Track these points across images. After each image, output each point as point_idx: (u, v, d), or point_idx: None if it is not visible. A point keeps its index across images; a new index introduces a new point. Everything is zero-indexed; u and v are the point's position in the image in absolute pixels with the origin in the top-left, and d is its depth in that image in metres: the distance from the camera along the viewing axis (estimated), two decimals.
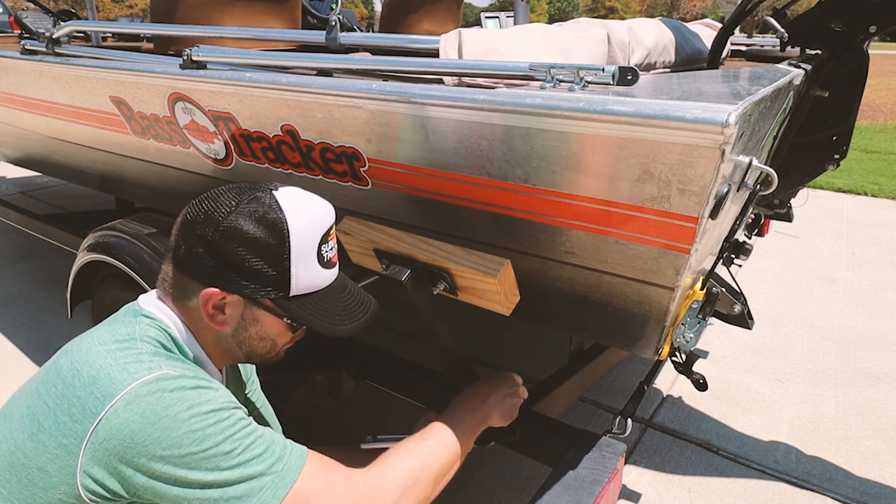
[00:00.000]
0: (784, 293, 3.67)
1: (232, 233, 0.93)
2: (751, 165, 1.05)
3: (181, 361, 0.94)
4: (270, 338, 1.03)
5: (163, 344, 0.95)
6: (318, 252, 0.98)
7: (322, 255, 0.99)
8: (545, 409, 1.69)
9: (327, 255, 1.01)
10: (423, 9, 3.14)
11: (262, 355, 1.05)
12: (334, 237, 1.04)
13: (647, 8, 53.11)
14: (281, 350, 1.06)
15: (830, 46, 1.72)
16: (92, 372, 0.87)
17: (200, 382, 0.90)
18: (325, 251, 1.00)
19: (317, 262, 0.98)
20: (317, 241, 0.98)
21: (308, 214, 0.98)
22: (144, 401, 0.84)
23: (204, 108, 1.67)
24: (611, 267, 1.21)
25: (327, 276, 1.02)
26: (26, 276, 3.78)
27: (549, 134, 1.09)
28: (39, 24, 2.68)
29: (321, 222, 1.00)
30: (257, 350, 1.04)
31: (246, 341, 1.02)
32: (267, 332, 1.02)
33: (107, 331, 0.96)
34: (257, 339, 1.02)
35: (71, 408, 0.86)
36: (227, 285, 0.95)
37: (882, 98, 12.93)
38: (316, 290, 1.00)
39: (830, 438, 2.38)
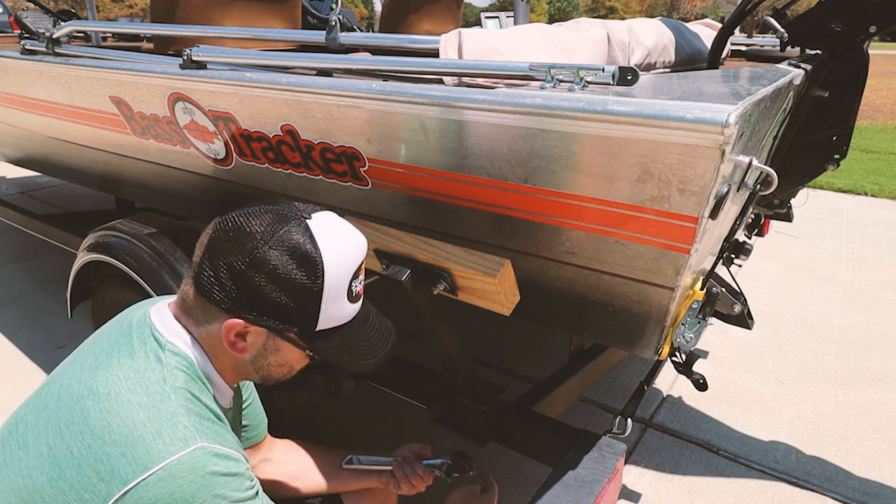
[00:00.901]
0: (784, 293, 3.67)
1: (262, 266, 0.89)
2: (751, 165, 1.05)
3: (210, 420, 0.94)
4: (289, 364, 1.02)
5: (192, 394, 0.94)
6: (349, 288, 0.96)
7: (352, 291, 0.97)
8: (545, 409, 1.69)
9: (356, 289, 0.98)
10: (423, 9, 3.14)
11: (277, 378, 1.04)
12: (363, 271, 1.01)
13: (647, 8, 53.10)
14: (296, 372, 1.06)
15: (830, 46, 1.72)
16: (125, 430, 0.86)
17: (230, 467, 0.90)
18: (354, 286, 0.98)
19: (346, 298, 0.96)
20: (349, 278, 0.95)
21: (342, 250, 0.94)
22: (177, 482, 0.84)
23: (204, 108, 1.67)
24: (611, 267, 1.21)
25: (353, 310, 1.00)
26: (26, 276, 3.78)
27: (549, 134, 1.09)
28: (39, 24, 2.68)
29: (355, 257, 0.97)
30: (274, 375, 1.03)
31: (264, 367, 1.01)
32: (286, 360, 1.01)
33: (132, 370, 0.92)
34: (276, 367, 1.01)
35: (98, 464, 0.84)
36: (252, 318, 0.93)
37: (882, 98, 12.93)
38: (341, 325, 0.98)
39: (830, 438, 2.38)
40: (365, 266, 1.29)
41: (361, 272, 0.99)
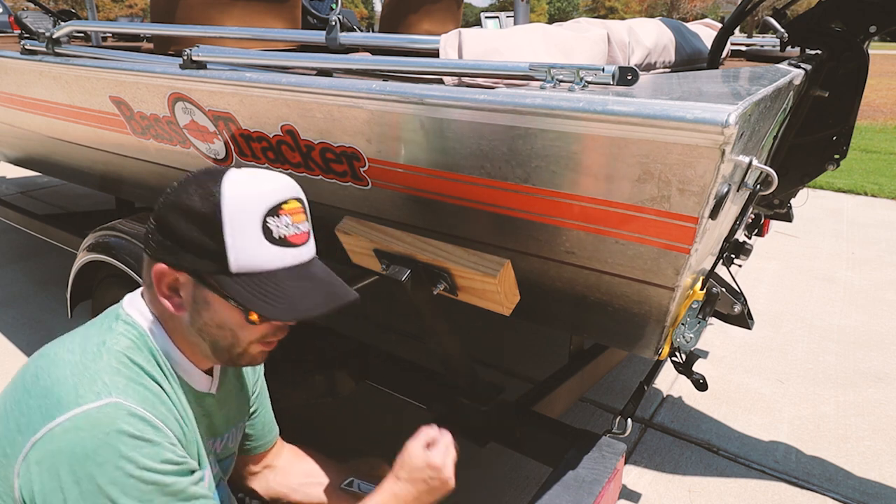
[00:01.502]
0: (784, 293, 3.67)
1: (173, 203, 0.91)
2: (751, 165, 1.05)
3: (142, 385, 0.91)
4: (228, 327, 0.95)
5: (130, 359, 0.92)
6: (262, 225, 0.90)
7: (269, 230, 0.90)
8: (545, 409, 1.69)
9: (279, 231, 0.91)
10: (423, 9, 3.14)
11: (226, 350, 0.97)
12: (298, 216, 0.95)
13: (647, 8, 53.10)
14: (248, 347, 0.98)
15: (830, 46, 1.72)
16: (47, 383, 0.86)
17: (144, 431, 0.85)
18: (274, 225, 0.91)
19: (262, 235, 0.90)
20: (260, 212, 0.90)
21: (252, 185, 0.91)
22: (79, 435, 0.81)
23: (204, 108, 1.67)
24: (611, 267, 1.21)
25: (278, 256, 0.92)
26: (26, 276, 3.78)
27: (549, 134, 1.09)
28: (39, 24, 2.68)
29: (269, 194, 0.92)
30: (219, 342, 0.97)
31: (205, 329, 0.95)
32: (222, 319, 0.94)
33: (82, 336, 0.94)
34: (215, 328, 0.95)
35: (20, 417, 0.84)
36: (171, 259, 0.91)
37: (882, 98, 12.93)
38: (264, 271, 0.91)
39: (830, 438, 2.38)
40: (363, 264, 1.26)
41: (288, 214, 0.93)
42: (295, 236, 0.94)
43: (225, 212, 0.89)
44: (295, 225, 0.94)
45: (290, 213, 0.93)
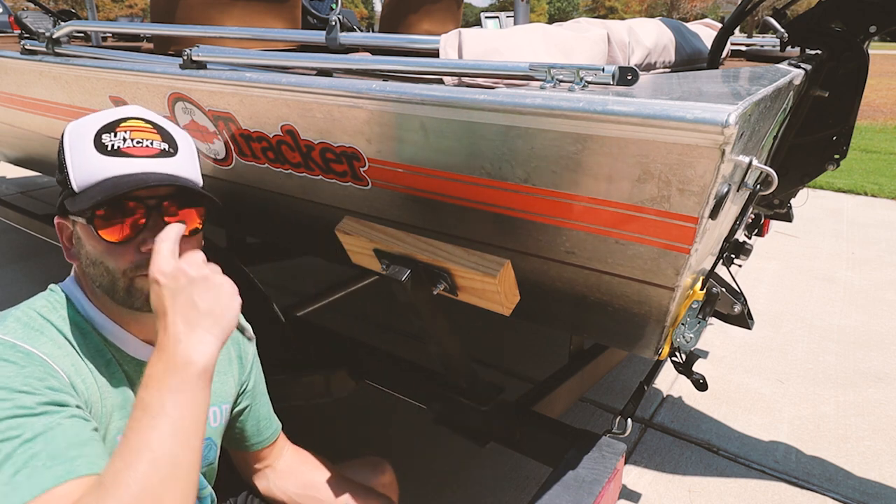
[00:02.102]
0: (784, 293, 3.67)
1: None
2: (751, 165, 1.05)
3: (39, 331, 0.88)
4: (99, 260, 0.92)
5: (40, 314, 0.91)
6: (95, 140, 0.92)
7: (104, 144, 0.91)
8: (545, 409, 1.69)
9: (113, 143, 0.92)
10: (423, 9, 3.14)
11: (112, 289, 0.93)
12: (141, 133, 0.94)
13: (647, 8, 53.10)
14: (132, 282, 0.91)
15: (830, 46, 1.71)
16: None
17: (12, 355, 0.82)
18: (108, 140, 0.92)
19: (94, 149, 0.91)
20: (94, 129, 0.92)
21: (94, 113, 0.95)
22: None
23: (204, 108, 1.67)
24: (611, 267, 1.21)
25: (110, 165, 0.91)
26: (26, 276, 3.78)
27: (549, 134, 1.09)
28: (39, 24, 2.68)
29: (106, 115, 0.94)
30: (102, 282, 0.93)
31: (89, 274, 0.94)
32: (91, 253, 0.93)
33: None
34: (91, 266, 0.93)
35: None
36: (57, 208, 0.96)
37: (882, 98, 12.93)
38: (98, 181, 0.91)
39: (830, 438, 2.38)
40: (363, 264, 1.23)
41: (124, 130, 0.93)
42: (133, 148, 0.92)
43: (65, 141, 0.93)
44: (135, 139, 0.93)
45: (129, 129, 0.94)
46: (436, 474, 2.17)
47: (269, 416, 1.32)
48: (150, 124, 0.96)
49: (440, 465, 2.21)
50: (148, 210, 0.93)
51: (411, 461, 2.14)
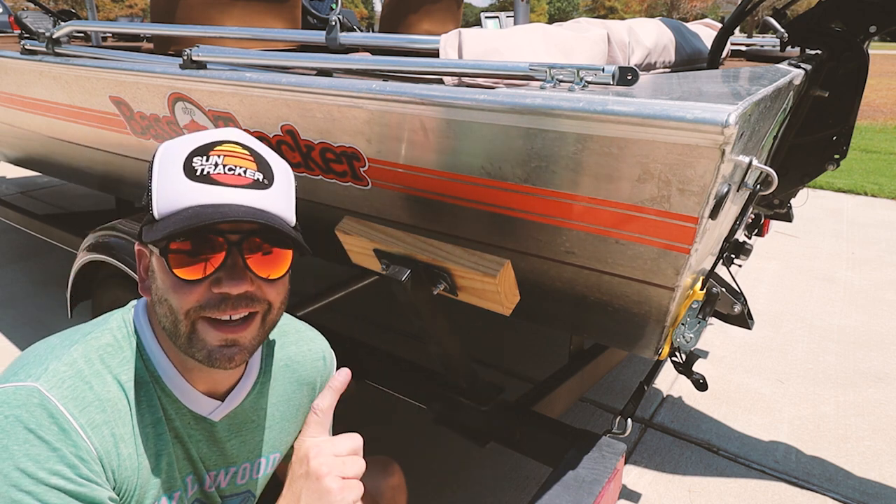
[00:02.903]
0: (784, 293, 3.67)
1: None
2: (751, 165, 1.05)
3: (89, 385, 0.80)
4: (164, 297, 0.82)
5: (101, 357, 0.83)
6: (186, 162, 0.80)
7: (193, 168, 0.80)
8: (545, 409, 1.69)
9: (203, 168, 0.80)
10: (423, 9, 3.14)
11: (173, 333, 0.83)
12: (234, 159, 0.82)
13: (647, 8, 53.10)
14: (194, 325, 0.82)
15: (830, 46, 1.72)
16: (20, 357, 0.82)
17: (47, 430, 0.74)
18: (199, 164, 0.80)
19: (182, 173, 0.80)
20: (186, 152, 0.81)
21: (187, 135, 0.85)
22: None
23: (204, 108, 1.67)
24: (611, 267, 1.21)
25: (195, 191, 0.79)
26: (26, 276, 3.78)
27: (549, 134, 1.09)
28: (39, 24, 2.68)
29: (201, 137, 0.84)
30: (166, 325, 0.83)
31: (157, 313, 0.84)
32: (161, 289, 0.82)
33: (83, 325, 0.90)
34: (159, 304, 0.83)
35: None
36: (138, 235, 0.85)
37: (882, 98, 12.93)
38: (181, 208, 0.79)
39: (830, 438, 2.38)
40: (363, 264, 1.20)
41: (217, 154, 0.82)
42: (223, 175, 0.81)
43: (156, 161, 0.83)
44: (227, 165, 0.81)
45: (222, 154, 0.82)
46: (436, 474, 2.17)
47: None
48: (247, 150, 0.85)
49: (440, 465, 2.21)
50: (229, 246, 0.80)
51: (411, 461, 2.14)
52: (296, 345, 1.07)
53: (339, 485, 0.83)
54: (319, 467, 0.83)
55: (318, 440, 0.87)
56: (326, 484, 0.83)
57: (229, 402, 0.94)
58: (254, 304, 0.83)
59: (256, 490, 1.07)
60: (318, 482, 0.83)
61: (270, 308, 0.86)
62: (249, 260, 0.82)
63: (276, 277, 0.85)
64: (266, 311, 0.86)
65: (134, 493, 0.84)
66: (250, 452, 1.01)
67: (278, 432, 1.05)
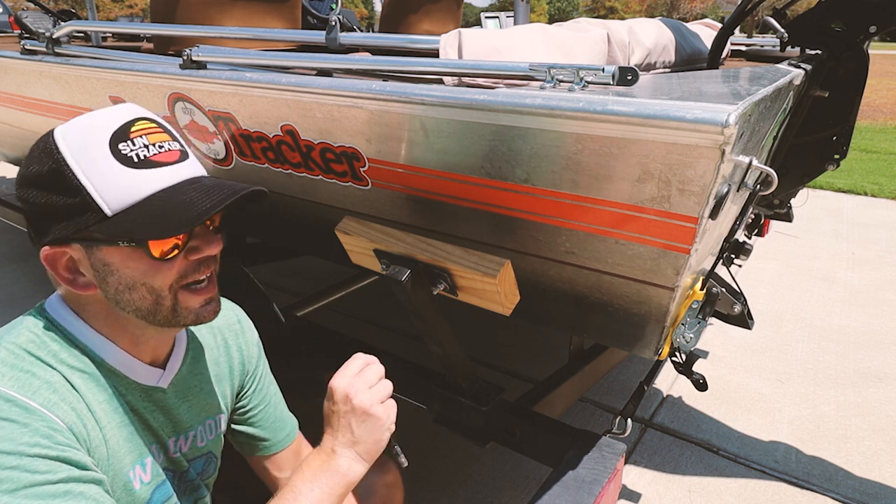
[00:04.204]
0: (784, 293, 3.67)
1: (21, 182, 0.86)
2: (751, 165, 1.05)
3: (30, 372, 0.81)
4: (139, 283, 0.85)
5: (27, 351, 0.84)
6: (114, 153, 0.81)
7: (125, 156, 0.81)
8: (545, 409, 1.69)
9: (136, 153, 0.82)
10: (423, 9, 3.14)
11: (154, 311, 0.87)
12: (155, 136, 0.85)
13: (647, 8, 53.11)
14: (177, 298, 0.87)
15: (830, 46, 1.72)
16: None
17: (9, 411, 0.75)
18: (128, 150, 0.82)
19: (118, 164, 0.81)
20: (103, 142, 0.82)
21: (83, 123, 0.84)
22: None
23: (204, 108, 1.67)
24: (611, 267, 1.21)
25: (148, 179, 0.82)
26: (26, 276, 3.78)
27: (549, 134, 1.09)
28: (39, 24, 2.68)
29: (106, 123, 0.84)
30: (141, 306, 0.86)
31: (121, 299, 0.86)
32: (129, 275, 0.84)
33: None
34: (127, 292, 0.85)
35: None
36: (49, 238, 0.83)
37: (882, 98, 12.93)
38: (140, 200, 0.82)
39: (830, 438, 2.37)
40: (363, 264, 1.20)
41: (138, 136, 0.84)
42: (159, 155, 0.84)
43: (68, 158, 0.82)
44: (154, 145, 0.84)
45: (143, 134, 0.84)
46: (435, 474, 2.17)
47: (285, 416, 1.25)
48: (154, 123, 0.88)
49: (440, 464, 2.21)
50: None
51: (411, 461, 2.14)
52: None
53: (383, 410, 0.97)
54: (363, 402, 0.95)
55: (351, 379, 0.98)
56: (374, 412, 0.96)
57: (171, 368, 1.00)
58: (212, 262, 0.92)
59: (216, 450, 1.13)
60: (367, 414, 0.95)
61: (216, 262, 0.94)
62: (208, 223, 0.89)
63: (220, 230, 0.92)
64: (215, 265, 0.94)
65: (108, 464, 0.88)
66: (200, 415, 1.07)
67: (219, 394, 1.11)
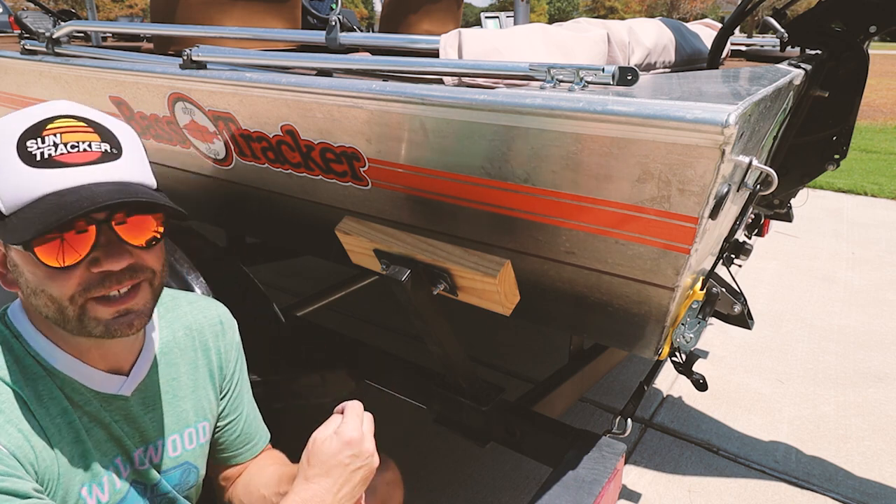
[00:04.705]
0: (784, 293, 3.67)
1: None
2: (751, 165, 1.05)
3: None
4: (40, 288, 0.79)
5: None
6: (20, 149, 0.76)
7: (30, 154, 0.76)
8: (545, 409, 1.69)
9: (42, 151, 0.76)
10: (423, 9, 3.14)
11: (61, 318, 0.81)
12: (74, 135, 0.79)
13: (647, 8, 53.12)
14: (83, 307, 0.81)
15: (830, 46, 1.72)
16: None
17: None
18: (35, 147, 0.76)
19: (19, 161, 0.76)
20: (14, 136, 0.77)
21: (7, 117, 0.80)
22: None
23: (204, 108, 1.67)
24: (611, 267, 1.21)
25: (43, 179, 0.76)
26: None
27: (549, 134, 1.09)
28: (39, 24, 2.68)
29: (26, 118, 0.79)
30: (48, 312, 0.81)
31: (32, 304, 0.82)
32: (32, 281, 0.79)
33: None
34: (34, 296, 0.81)
35: None
36: None
37: (882, 98, 12.93)
38: (32, 200, 0.76)
39: (830, 438, 2.37)
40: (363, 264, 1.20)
41: (53, 133, 0.78)
42: (67, 155, 0.77)
43: None
44: (68, 143, 0.78)
45: (58, 132, 0.78)
46: (435, 474, 2.17)
47: (258, 427, 1.21)
48: (83, 122, 0.81)
49: (440, 464, 2.21)
50: (97, 224, 0.79)
51: (411, 461, 2.14)
52: (191, 314, 1.08)
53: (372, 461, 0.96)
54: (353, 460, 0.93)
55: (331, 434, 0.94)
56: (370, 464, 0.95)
57: (135, 376, 0.95)
58: (137, 275, 0.83)
59: (198, 461, 1.07)
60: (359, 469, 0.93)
61: (154, 274, 0.86)
62: (122, 232, 0.80)
63: (152, 243, 0.84)
64: (151, 278, 0.86)
65: (58, 483, 0.84)
66: (174, 423, 1.01)
67: (197, 400, 1.05)
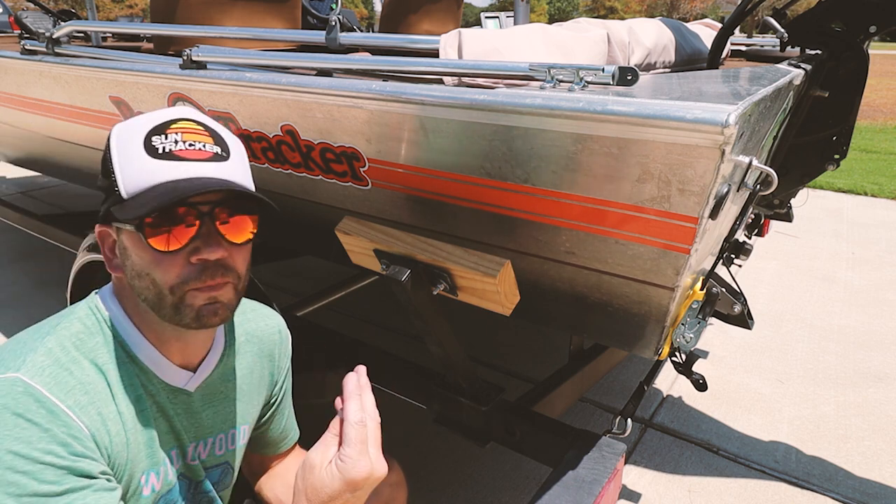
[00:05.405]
0: (784, 293, 3.67)
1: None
2: (751, 165, 1.05)
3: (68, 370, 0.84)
4: (144, 271, 0.87)
5: (75, 344, 0.87)
6: (145, 143, 0.86)
7: (154, 147, 0.86)
8: (545, 409, 1.69)
9: (164, 146, 0.86)
10: (423, 9, 3.14)
11: (158, 304, 0.88)
12: (193, 135, 0.89)
13: (647, 8, 53.12)
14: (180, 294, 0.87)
15: (830, 46, 1.72)
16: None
17: (34, 413, 0.77)
18: (159, 142, 0.86)
19: (144, 153, 0.85)
20: (143, 132, 0.87)
21: (140, 117, 0.90)
22: None
23: (204, 109, 1.67)
24: (611, 267, 1.21)
25: (162, 169, 0.85)
26: (26, 276, 3.78)
27: (549, 134, 1.09)
28: (39, 24, 2.68)
29: (155, 118, 0.89)
30: (149, 297, 0.88)
31: (135, 287, 0.89)
32: (139, 264, 0.87)
33: (49, 318, 0.92)
34: (138, 278, 0.88)
35: None
36: (99, 216, 0.89)
37: (882, 98, 12.93)
38: (150, 186, 0.85)
39: (830, 438, 2.37)
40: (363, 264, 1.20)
41: (175, 132, 0.88)
42: (185, 151, 0.87)
43: (113, 144, 0.89)
44: (187, 142, 0.88)
45: (180, 131, 0.88)
46: (435, 474, 2.17)
47: (290, 426, 1.27)
48: (201, 126, 0.91)
49: (440, 464, 2.21)
50: (201, 217, 0.87)
51: (411, 461, 2.14)
52: (254, 321, 1.15)
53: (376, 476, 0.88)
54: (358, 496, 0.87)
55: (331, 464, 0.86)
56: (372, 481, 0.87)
57: (201, 372, 1.01)
58: (227, 275, 0.90)
59: (234, 462, 1.13)
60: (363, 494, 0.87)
61: (240, 279, 0.94)
62: (221, 227, 0.89)
63: (244, 241, 0.92)
64: (236, 282, 0.93)
65: (125, 468, 0.89)
66: (223, 423, 1.07)
67: (246, 404, 1.12)
